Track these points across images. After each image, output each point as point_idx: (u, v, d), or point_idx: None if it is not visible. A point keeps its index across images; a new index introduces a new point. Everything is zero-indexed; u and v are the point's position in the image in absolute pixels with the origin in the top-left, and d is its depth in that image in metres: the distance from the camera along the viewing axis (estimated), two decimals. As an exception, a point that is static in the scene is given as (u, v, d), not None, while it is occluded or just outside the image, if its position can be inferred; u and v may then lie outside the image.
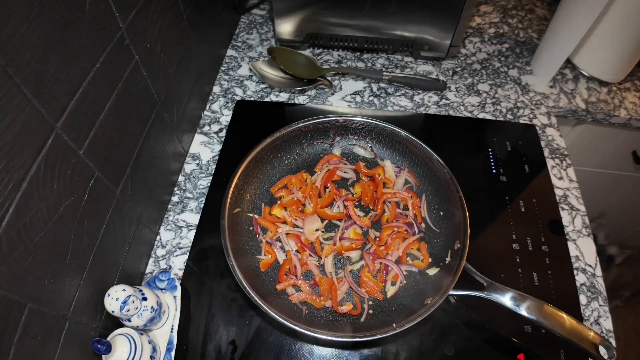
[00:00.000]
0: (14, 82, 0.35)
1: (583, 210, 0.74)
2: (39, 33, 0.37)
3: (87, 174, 0.47)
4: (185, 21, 0.69)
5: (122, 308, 0.48)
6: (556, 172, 0.78)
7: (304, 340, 0.59)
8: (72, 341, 0.46)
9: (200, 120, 0.83)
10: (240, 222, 0.66)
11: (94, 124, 0.47)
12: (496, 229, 0.70)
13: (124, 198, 0.56)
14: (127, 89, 0.54)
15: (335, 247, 0.65)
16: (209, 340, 0.59)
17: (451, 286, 0.56)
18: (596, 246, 0.70)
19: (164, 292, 0.60)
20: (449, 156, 0.68)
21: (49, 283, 0.42)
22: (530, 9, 1.08)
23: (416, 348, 0.59)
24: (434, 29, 0.86)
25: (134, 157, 0.58)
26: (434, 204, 0.70)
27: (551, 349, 0.59)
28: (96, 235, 0.50)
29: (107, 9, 0.47)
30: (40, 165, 0.39)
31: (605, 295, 0.65)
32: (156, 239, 0.68)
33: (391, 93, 0.89)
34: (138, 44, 0.55)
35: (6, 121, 0.34)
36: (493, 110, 0.87)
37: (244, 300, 0.62)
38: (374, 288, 0.62)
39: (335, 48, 0.96)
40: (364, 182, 0.71)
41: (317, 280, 0.61)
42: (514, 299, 0.55)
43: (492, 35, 1.01)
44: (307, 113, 0.84)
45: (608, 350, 0.52)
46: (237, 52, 0.95)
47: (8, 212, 0.36)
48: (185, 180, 0.75)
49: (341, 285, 0.62)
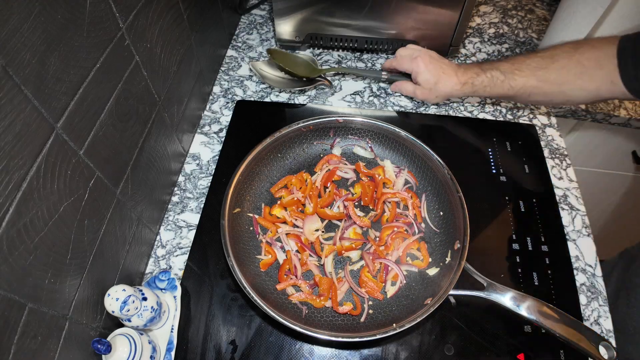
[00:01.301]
0: (14, 82, 0.35)
1: (583, 210, 0.74)
2: (39, 33, 0.37)
3: (87, 174, 0.47)
4: (186, 21, 0.69)
5: (122, 308, 0.48)
6: (556, 172, 0.78)
7: (304, 340, 0.59)
8: (72, 341, 0.46)
9: (201, 120, 0.83)
10: (240, 222, 0.66)
11: (94, 124, 0.47)
12: (496, 229, 0.70)
13: (124, 198, 0.56)
14: (127, 89, 0.54)
15: (335, 247, 0.65)
16: (209, 340, 0.59)
17: (451, 286, 0.56)
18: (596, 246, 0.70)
19: (164, 292, 0.60)
20: (449, 156, 0.68)
21: (49, 283, 0.42)
22: (530, 9, 1.09)
23: (416, 348, 0.59)
24: (433, 29, 0.86)
25: (134, 157, 0.58)
26: (434, 204, 0.70)
27: (551, 349, 0.59)
28: (96, 235, 0.50)
29: (107, 9, 0.47)
30: (40, 165, 0.39)
31: (605, 296, 0.65)
32: (156, 239, 0.68)
33: (391, 93, 0.89)
34: (138, 44, 0.55)
35: (6, 121, 0.34)
36: (493, 110, 0.87)
37: (244, 300, 0.62)
38: (374, 288, 0.62)
39: (335, 48, 0.96)
40: (363, 182, 0.71)
41: (317, 280, 0.61)
42: (514, 299, 0.55)
43: (492, 36, 1.01)
44: (307, 113, 0.84)
45: (608, 350, 0.52)
46: (237, 52, 0.95)
47: (8, 212, 0.36)
48: (186, 180, 0.75)
49: (341, 285, 0.62)
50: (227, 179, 0.65)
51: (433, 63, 0.76)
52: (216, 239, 0.64)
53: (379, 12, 0.84)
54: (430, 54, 0.77)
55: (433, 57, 0.77)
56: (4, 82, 0.34)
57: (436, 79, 0.75)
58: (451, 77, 0.74)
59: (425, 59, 0.76)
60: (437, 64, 0.76)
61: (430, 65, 0.76)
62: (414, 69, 0.77)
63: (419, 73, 0.77)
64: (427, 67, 0.76)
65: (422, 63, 0.76)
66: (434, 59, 0.77)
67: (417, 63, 0.76)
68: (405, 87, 0.82)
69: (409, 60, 0.78)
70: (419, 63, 0.76)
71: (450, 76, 0.75)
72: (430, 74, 0.76)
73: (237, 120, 0.82)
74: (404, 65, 0.79)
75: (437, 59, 0.77)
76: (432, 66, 0.76)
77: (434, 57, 0.77)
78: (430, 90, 0.77)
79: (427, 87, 0.77)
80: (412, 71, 0.78)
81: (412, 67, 0.77)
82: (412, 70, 0.78)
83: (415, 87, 0.80)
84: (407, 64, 0.79)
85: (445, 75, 0.75)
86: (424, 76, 0.76)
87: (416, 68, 0.77)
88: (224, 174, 0.74)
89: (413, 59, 0.77)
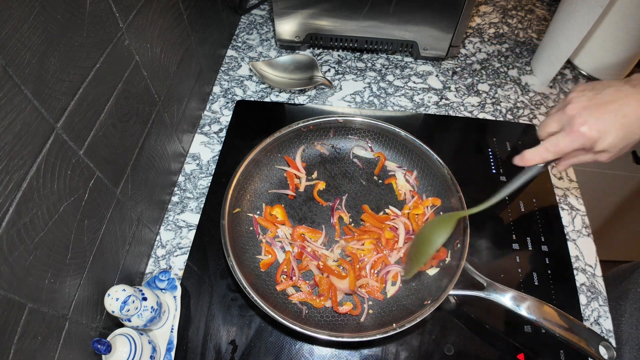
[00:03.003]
0: (14, 82, 0.35)
1: (583, 210, 0.74)
2: (39, 33, 0.37)
3: (87, 174, 0.47)
4: (185, 21, 0.69)
5: (122, 308, 0.48)
6: (556, 172, 0.78)
7: (304, 340, 0.59)
8: (72, 341, 0.46)
9: (201, 120, 0.83)
10: (240, 222, 0.66)
11: (94, 124, 0.47)
12: (496, 229, 0.70)
13: (124, 198, 0.56)
14: (127, 89, 0.54)
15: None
16: (209, 340, 0.59)
17: (451, 286, 0.56)
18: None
19: (164, 292, 0.60)
20: (449, 156, 0.68)
21: (49, 283, 0.42)
22: (530, 9, 1.09)
23: (416, 348, 0.59)
24: (433, 29, 0.86)
25: (134, 157, 0.58)
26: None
27: (551, 349, 0.59)
28: (96, 235, 0.50)
29: (107, 9, 0.47)
30: (40, 165, 0.39)
31: (605, 296, 0.65)
32: (156, 239, 0.68)
33: (391, 93, 0.89)
34: (138, 43, 0.55)
35: (6, 121, 0.34)
36: (493, 110, 0.87)
37: (244, 300, 0.62)
38: (374, 288, 0.62)
39: (335, 48, 0.96)
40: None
41: (317, 280, 0.61)
42: (514, 299, 0.55)
43: (492, 36, 1.01)
44: (307, 113, 0.84)
45: (608, 350, 0.52)
46: (237, 52, 0.96)
47: (8, 212, 0.36)
48: (186, 180, 0.75)
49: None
50: (227, 179, 0.65)
51: (601, 114, 0.49)
52: (216, 239, 0.64)
53: (379, 12, 0.84)
54: (582, 102, 0.50)
55: (591, 104, 0.50)
56: (4, 82, 0.34)
57: (623, 133, 0.49)
58: (636, 110, 0.48)
59: (584, 117, 0.49)
60: (605, 109, 0.49)
61: (600, 122, 0.49)
62: (582, 143, 0.50)
63: (593, 143, 0.50)
64: (597, 128, 0.49)
65: (586, 127, 0.49)
66: (596, 104, 0.49)
67: (581, 132, 0.49)
68: (580, 160, 0.56)
69: (568, 137, 0.51)
70: (583, 131, 0.49)
71: (637, 111, 0.48)
72: (610, 134, 0.49)
73: (237, 120, 0.82)
74: (563, 148, 0.52)
75: (598, 101, 0.50)
76: (604, 120, 0.49)
77: (593, 101, 0.50)
78: (623, 149, 0.51)
79: (616, 149, 0.50)
80: (582, 147, 0.51)
81: (578, 143, 0.50)
82: (581, 146, 0.51)
83: (595, 155, 0.53)
84: (567, 142, 0.51)
85: (630, 116, 0.48)
86: (604, 143, 0.49)
87: (584, 140, 0.50)
88: (224, 174, 0.74)
89: (570, 131, 0.50)
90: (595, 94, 0.50)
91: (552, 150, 0.52)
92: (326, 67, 0.93)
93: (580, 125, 0.49)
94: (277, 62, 0.89)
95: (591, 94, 0.50)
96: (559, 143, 0.52)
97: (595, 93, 0.50)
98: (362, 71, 0.93)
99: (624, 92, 0.49)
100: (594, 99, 0.50)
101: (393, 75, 0.92)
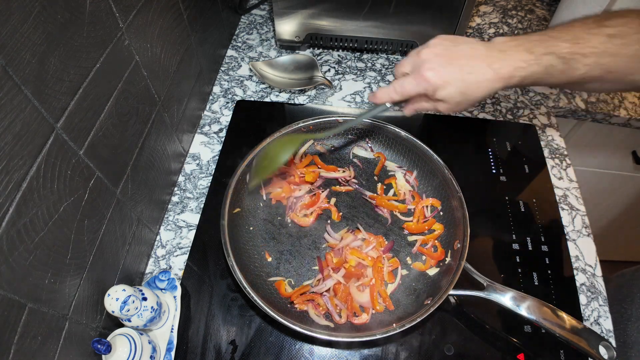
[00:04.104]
0: (14, 82, 0.35)
1: (583, 210, 0.74)
2: (39, 33, 0.37)
3: (87, 174, 0.47)
4: (185, 21, 0.69)
5: (122, 308, 0.48)
6: (556, 172, 0.78)
7: (304, 340, 0.59)
8: (72, 341, 0.46)
9: (200, 120, 0.83)
10: (240, 222, 0.66)
11: (94, 124, 0.47)
12: (496, 229, 0.70)
13: (124, 198, 0.56)
14: (127, 89, 0.54)
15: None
16: (209, 340, 0.59)
17: (451, 286, 0.56)
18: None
19: (164, 292, 0.60)
20: (449, 156, 0.68)
21: (49, 283, 0.42)
22: (530, 9, 1.09)
23: (416, 348, 0.59)
24: (433, 29, 0.86)
25: (134, 157, 0.58)
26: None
27: (551, 349, 0.59)
28: (96, 235, 0.50)
29: (107, 9, 0.47)
30: (40, 165, 0.39)
31: (605, 296, 0.65)
32: (156, 239, 0.68)
33: (391, 93, 0.89)
34: (138, 43, 0.55)
35: (6, 121, 0.34)
36: (493, 110, 0.87)
37: (244, 300, 0.62)
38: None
39: (335, 48, 0.96)
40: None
41: (334, 289, 0.60)
42: (514, 299, 0.55)
43: (492, 36, 1.01)
44: (307, 113, 0.84)
45: (608, 350, 0.52)
46: (237, 52, 0.96)
47: (8, 212, 0.36)
48: (185, 180, 0.75)
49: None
50: (227, 179, 0.66)
51: (448, 65, 0.51)
52: (216, 239, 0.64)
53: (379, 12, 0.84)
54: (436, 49, 0.52)
55: (444, 53, 0.51)
56: (4, 82, 0.34)
57: (463, 87, 0.51)
58: (484, 73, 0.50)
59: (434, 63, 0.51)
60: (455, 62, 0.50)
61: (445, 71, 0.50)
62: (425, 87, 0.52)
63: (434, 90, 0.51)
64: (441, 76, 0.50)
65: (432, 73, 0.51)
66: (448, 55, 0.51)
67: (425, 77, 0.51)
68: (422, 106, 0.57)
69: (413, 79, 0.52)
70: (428, 76, 0.51)
71: (482, 72, 0.50)
72: (451, 85, 0.51)
73: (237, 120, 0.82)
74: (408, 90, 0.53)
75: (451, 53, 0.51)
76: (450, 70, 0.50)
77: (446, 51, 0.51)
78: (459, 104, 0.53)
79: (453, 102, 0.52)
80: (424, 91, 0.53)
81: (422, 87, 0.52)
82: (423, 90, 0.52)
83: (435, 104, 0.55)
84: (412, 84, 0.53)
85: (474, 74, 0.50)
86: (443, 92, 0.51)
87: (426, 85, 0.51)
88: (224, 174, 0.74)
89: (417, 74, 0.52)
90: (453, 45, 0.52)
91: (399, 92, 0.54)
92: (326, 67, 0.93)
93: (427, 70, 0.51)
94: (277, 62, 0.89)
95: (448, 44, 0.52)
96: (405, 85, 0.53)
97: (452, 45, 0.52)
98: (362, 71, 0.93)
99: (477, 51, 0.51)
100: (448, 50, 0.52)
101: (393, 76, 0.92)
